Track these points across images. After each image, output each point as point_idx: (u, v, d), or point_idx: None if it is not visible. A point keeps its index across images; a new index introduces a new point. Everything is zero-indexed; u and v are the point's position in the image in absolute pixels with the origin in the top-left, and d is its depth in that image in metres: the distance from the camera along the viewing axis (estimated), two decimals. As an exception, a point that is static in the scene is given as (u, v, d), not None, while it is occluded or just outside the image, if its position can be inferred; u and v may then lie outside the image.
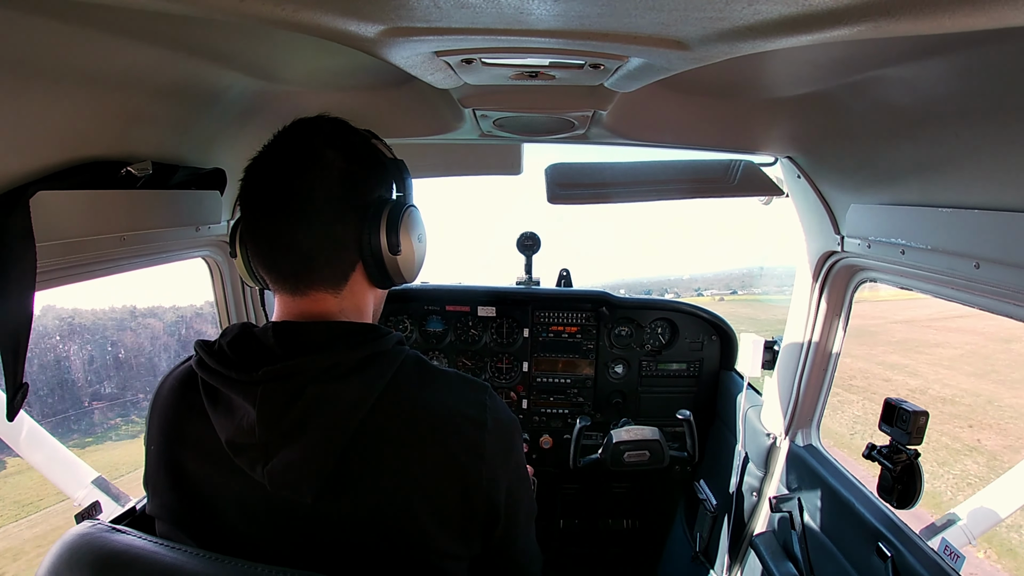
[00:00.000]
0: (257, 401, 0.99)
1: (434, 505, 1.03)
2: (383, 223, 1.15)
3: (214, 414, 1.04)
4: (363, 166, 1.17)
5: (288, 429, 0.98)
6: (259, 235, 1.13)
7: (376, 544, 1.01)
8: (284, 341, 1.05)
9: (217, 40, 1.29)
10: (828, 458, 2.28)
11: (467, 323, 3.35)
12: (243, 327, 1.09)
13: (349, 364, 1.03)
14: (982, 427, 14.41)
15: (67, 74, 1.12)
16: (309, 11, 0.83)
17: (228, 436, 1.01)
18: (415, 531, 1.02)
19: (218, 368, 1.03)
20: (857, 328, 22.25)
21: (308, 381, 1.00)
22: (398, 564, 1.02)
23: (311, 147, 1.12)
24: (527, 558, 1.31)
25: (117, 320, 6.60)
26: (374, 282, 1.21)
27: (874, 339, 22.96)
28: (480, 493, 1.07)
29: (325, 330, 1.09)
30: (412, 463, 1.03)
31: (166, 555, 0.91)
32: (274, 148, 1.15)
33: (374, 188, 1.19)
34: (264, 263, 1.14)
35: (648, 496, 3.64)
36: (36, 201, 1.12)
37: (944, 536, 2.11)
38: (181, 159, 1.63)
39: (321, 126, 1.18)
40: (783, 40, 0.87)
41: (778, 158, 2.22)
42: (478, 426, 1.09)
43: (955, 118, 1.28)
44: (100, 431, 6.43)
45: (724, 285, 25.75)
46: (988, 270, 1.28)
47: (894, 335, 23.80)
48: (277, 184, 1.10)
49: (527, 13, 0.86)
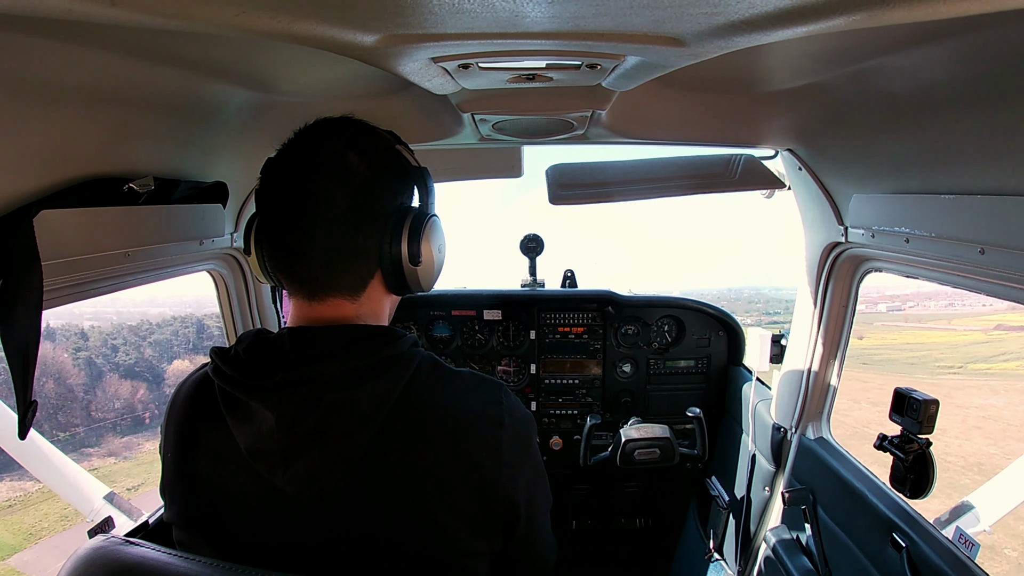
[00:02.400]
0: (275, 407, 0.99)
1: (454, 506, 1.04)
2: (404, 233, 1.13)
3: (232, 420, 1.04)
4: (386, 173, 1.14)
5: (307, 434, 0.99)
6: (276, 239, 1.12)
7: (397, 546, 1.02)
8: (300, 347, 1.05)
9: (215, 54, 1.30)
10: (840, 450, 2.27)
11: (473, 327, 3.35)
12: (258, 333, 1.09)
13: (365, 368, 1.03)
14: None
15: (66, 92, 1.12)
16: (306, 22, 0.84)
17: (247, 442, 1.01)
18: (436, 532, 1.03)
19: (235, 375, 1.03)
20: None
21: (325, 386, 1.00)
22: (419, 565, 1.03)
23: (334, 151, 1.09)
24: (545, 549, 1.33)
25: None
26: (392, 290, 1.20)
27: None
28: (500, 494, 1.08)
29: (341, 335, 1.08)
30: (431, 465, 1.03)
31: (181, 566, 0.92)
32: (295, 148, 1.12)
33: (396, 196, 1.17)
34: (280, 267, 1.13)
35: (660, 494, 3.63)
36: (40, 220, 1.13)
37: (958, 524, 2.09)
38: (182, 173, 1.63)
39: (345, 128, 1.15)
40: (779, 32, 0.87)
41: (779, 151, 2.21)
42: (495, 425, 1.10)
43: (955, 104, 1.27)
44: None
45: (746, 304, 23.53)
46: (993, 255, 1.27)
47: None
48: (297, 187, 1.08)
49: (522, 16, 0.86)
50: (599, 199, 2.44)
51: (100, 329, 16.66)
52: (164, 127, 1.46)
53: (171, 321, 17.34)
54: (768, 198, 2.49)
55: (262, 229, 1.16)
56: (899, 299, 31.04)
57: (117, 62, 1.14)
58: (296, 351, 1.04)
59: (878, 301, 30.43)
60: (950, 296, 29.57)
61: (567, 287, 3.55)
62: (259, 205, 1.14)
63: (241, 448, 1.02)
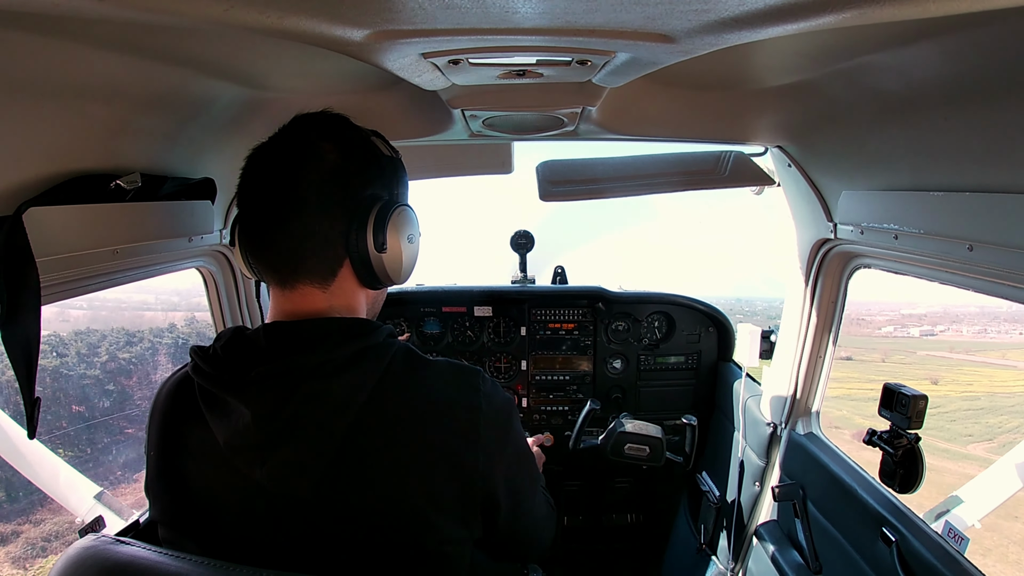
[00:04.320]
0: (251, 402, 1.00)
1: (432, 493, 1.05)
2: (371, 220, 1.14)
3: (211, 417, 1.04)
4: (357, 162, 1.16)
5: (283, 427, 0.99)
6: (251, 225, 1.14)
7: (377, 535, 1.03)
8: (275, 341, 1.05)
9: (204, 50, 1.29)
10: (829, 445, 2.28)
11: (464, 324, 3.35)
12: (236, 331, 1.10)
13: (340, 360, 1.04)
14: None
15: (52, 88, 1.11)
16: (295, 17, 0.83)
17: (225, 438, 1.02)
18: (414, 520, 1.04)
19: (212, 371, 1.04)
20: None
21: (300, 379, 1.01)
22: (399, 553, 1.04)
23: (307, 140, 1.13)
24: (535, 530, 1.36)
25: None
26: (363, 282, 1.20)
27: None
28: (477, 480, 1.09)
29: (315, 327, 1.09)
30: (408, 453, 1.04)
31: (171, 564, 0.92)
32: (273, 141, 1.15)
33: (367, 185, 1.17)
34: (255, 253, 1.15)
35: (651, 490, 3.65)
36: (28, 218, 1.12)
37: (947, 519, 2.12)
38: (170, 170, 1.62)
39: (320, 120, 1.18)
40: (769, 30, 0.87)
41: (768, 148, 2.22)
42: (472, 410, 1.11)
43: (944, 101, 1.28)
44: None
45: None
46: (982, 252, 1.28)
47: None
48: (270, 175, 1.11)
49: (513, 12, 0.86)
50: (590, 196, 2.45)
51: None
52: (153, 123, 1.45)
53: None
54: (757, 195, 2.50)
55: (240, 219, 1.17)
56: (926, 320, 25.86)
57: (106, 58, 1.13)
58: (271, 346, 1.05)
59: (902, 323, 25.87)
60: (982, 320, 25.59)
61: (558, 283, 3.56)
62: (238, 196, 1.16)
63: (220, 444, 1.02)
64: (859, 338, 22.18)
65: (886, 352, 23.13)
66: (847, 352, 18.51)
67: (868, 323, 23.51)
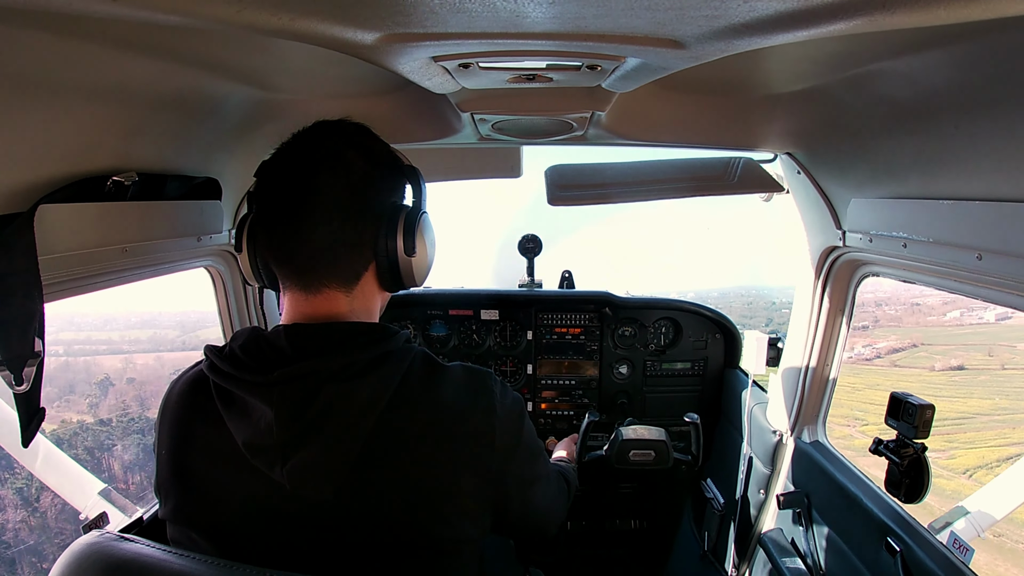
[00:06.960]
0: (274, 402, 1.00)
1: (451, 494, 1.07)
2: (400, 225, 1.18)
3: (228, 417, 1.05)
4: (383, 170, 1.20)
5: (305, 429, 1.00)
6: (275, 229, 1.14)
7: (393, 537, 1.04)
8: (296, 343, 1.07)
9: (216, 51, 1.30)
10: (835, 454, 2.27)
11: (471, 327, 3.34)
12: (252, 331, 1.11)
13: (363, 363, 1.06)
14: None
15: (67, 88, 1.12)
16: (307, 20, 0.84)
17: (245, 438, 1.02)
18: (431, 521, 1.05)
19: (232, 371, 1.05)
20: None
21: (323, 381, 1.02)
22: (415, 553, 1.05)
23: (334, 147, 1.15)
24: (545, 515, 1.42)
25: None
26: (384, 285, 1.24)
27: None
28: (492, 483, 1.12)
29: (337, 331, 1.11)
30: (427, 456, 1.06)
31: (175, 562, 0.92)
32: (294, 146, 1.17)
33: (391, 192, 1.23)
34: (278, 257, 1.16)
35: (655, 496, 3.63)
36: (39, 215, 1.13)
37: (953, 530, 2.10)
38: (179, 170, 1.63)
39: (344, 128, 1.20)
40: (779, 36, 0.87)
41: (778, 154, 2.21)
42: (487, 413, 1.13)
43: (954, 110, 1.27)
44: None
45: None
46: (991, 261, 1.27)
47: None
48: (298, 180, 1.12)
49: (523, 16, 0.86)
50: (598, 200, 2.44)
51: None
52: (163, 123, 1.46)
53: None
54: (766, 201, 2.50)
55: (260, 224, 1.18)
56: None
57: (120, 58, 1.14)
58: (293, 347, 1.06)
59: (968, 306, 16.61)
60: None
61: (565, 288, 3.55)
62: (257, 201, 1.17)
63: (239, 444, 1.03)
64: (931, 329, 15.08)
65: (991, 350, 14.35)
66: (925, 352, 14.04)
67: (926, 309, 16.64)
